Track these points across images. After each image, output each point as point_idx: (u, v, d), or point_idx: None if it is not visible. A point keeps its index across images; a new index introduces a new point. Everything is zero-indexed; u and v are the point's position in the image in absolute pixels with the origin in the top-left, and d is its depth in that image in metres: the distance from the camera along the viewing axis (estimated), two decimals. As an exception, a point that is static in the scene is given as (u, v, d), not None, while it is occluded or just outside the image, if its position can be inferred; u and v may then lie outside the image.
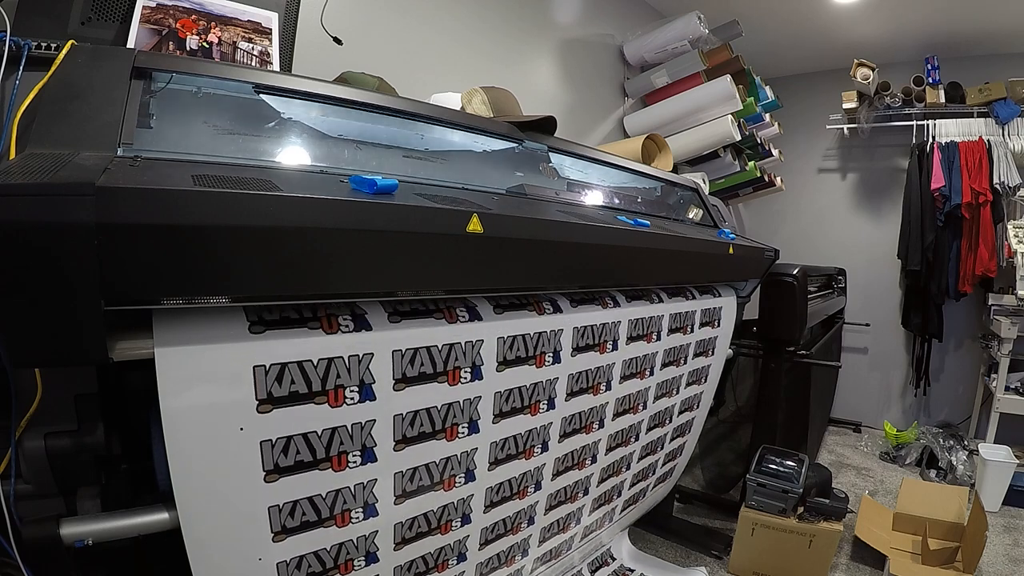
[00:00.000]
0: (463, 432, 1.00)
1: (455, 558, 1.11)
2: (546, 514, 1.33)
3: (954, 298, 3.40)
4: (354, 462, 0.85)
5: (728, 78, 2.78)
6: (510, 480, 1.16)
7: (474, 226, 0.81)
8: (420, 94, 1.41)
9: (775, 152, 3.40)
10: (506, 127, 1.31)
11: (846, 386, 3.92)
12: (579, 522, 1.51)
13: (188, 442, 0.68)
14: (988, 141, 3.23)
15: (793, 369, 2.41)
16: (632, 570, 1.79)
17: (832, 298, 3.25)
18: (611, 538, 1.82)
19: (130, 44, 1.04)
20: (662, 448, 1.74)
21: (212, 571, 0.75)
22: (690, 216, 1.90)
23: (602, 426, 1.37)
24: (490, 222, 0.84)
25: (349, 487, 0.86)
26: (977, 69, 3.35)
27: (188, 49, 1.09)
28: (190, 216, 0.57)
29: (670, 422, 1.70)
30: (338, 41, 1.49)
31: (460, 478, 1.03)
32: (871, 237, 3.90)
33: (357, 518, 0.88)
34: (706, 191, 2.17)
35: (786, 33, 3.45)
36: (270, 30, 1.20)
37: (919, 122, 3.49)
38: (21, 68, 0.80)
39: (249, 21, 1.18)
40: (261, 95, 0.94)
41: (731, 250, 1.60)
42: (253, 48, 1.17)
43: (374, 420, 0.85)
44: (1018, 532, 2.43)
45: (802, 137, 4.04)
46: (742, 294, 1.84)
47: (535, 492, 1.25)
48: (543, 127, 1.38)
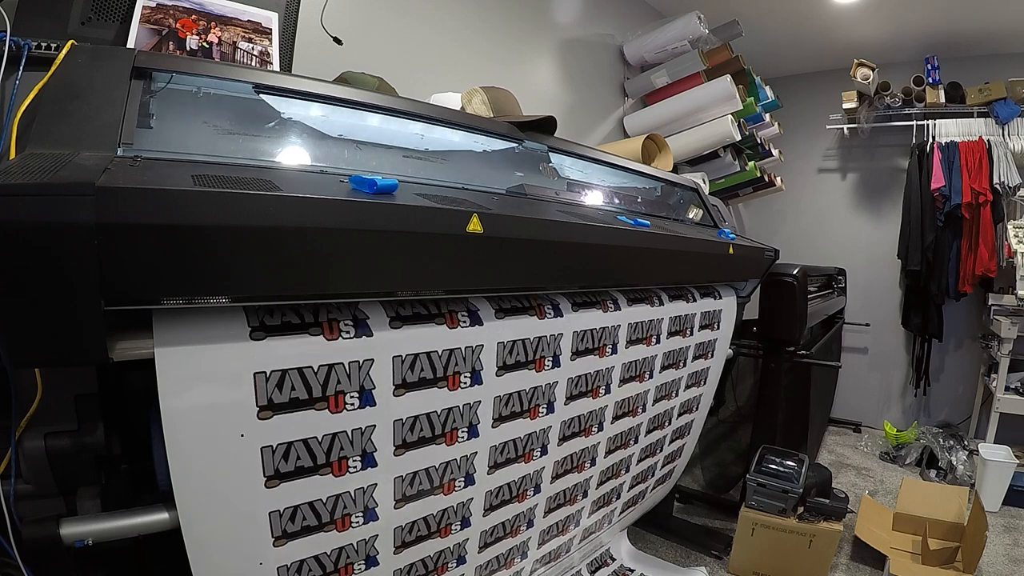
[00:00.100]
0: (463, 436, 1.00)
1: (455, 561, 1.11)
2: (545, 517, 1.33)
3: (954, 298, 3.40)
4: (354, 467, 0.85)
5: (728, 78, 2.78)
6: (509, 484, 1.16)
7: (474, 226, 0.81)
8: (420, 94, 1.41)
9: (775, 152, 3.40)
10: (506, 127, 1.31)
11: (846, 386, 3.92)
12: (578, 524, 1.51)
13: (188, 442, 0.68)
14: (988, 141, 3.23)
15: (793, 369, 2.41)
16: (632, 570, 1.78)
17: (832, 298, 3.25)
18: (610, 539, 1.82)
19: (130, 44, 1.04)
20: (661, 450, 1.74)
21: (212, 572, 0.75)
22: (690, 216, 1.90)
23: (601, 429, 1.37)
24: (490, 222, 0.84)
25: (349, 492, 0.86)
26: (977, 69, 3.35)
27: (188, 49, 1.09)
28: (190, 216, 0.57)
29: (669, 424, 1.70)
30: (338, 41, 1.49)
31: (460, 482, 1.03)
32: (871, 237, 3.90)
33: (357, 522, 0.88)
34: (706, 191, 2.17)
35: (786, 33, 3.45)
36: (270, 30, 1.20)
37: (919, 122, 3.49)
38: (21, 68, 0.80)
39: (249, 21, 1.18)
40: (261, 95, 0.94)
41: (731, 250, 1.59)
42: (253, 48, 1.17)
43: (374, 425, 0.85)
44: (1018, 532, 2.43)
45: (802, 137, 4.04)
46: (742, 294, 1.84)
47: (534, 495, 1.25)
48: (543, 127, 1.38)
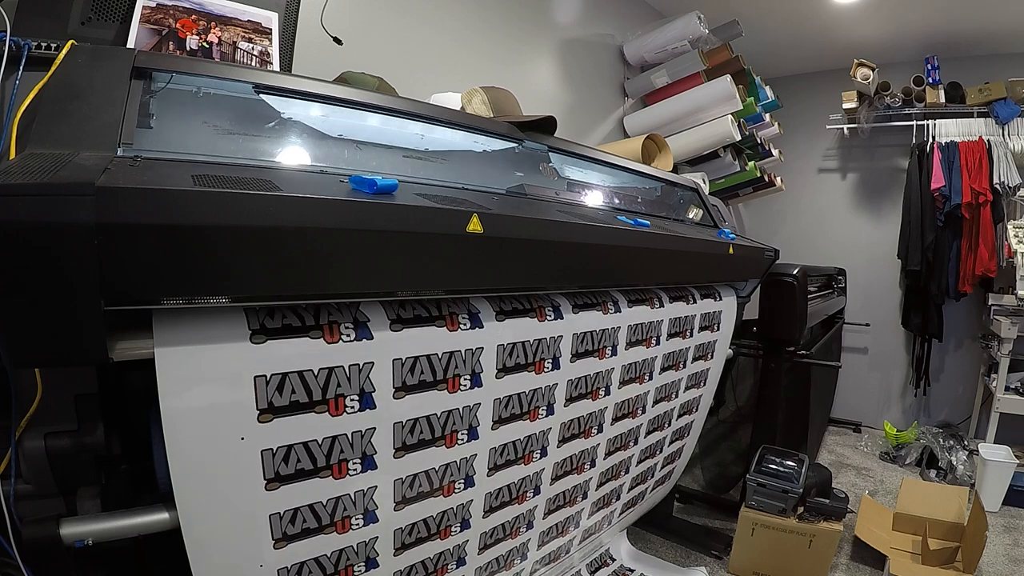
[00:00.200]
0: (462, 439, 1.00)
1: (454, 563, 1.11)
2: (545, 518, 1.33)
3: (954, 298, 3.40)
4: (354, 470, 0.85)
5: (728, 78, 2.78)
6: (509, 485, 1.16)
7: (474, 226, 0.81)
8: (420, 94, 1.41)
9: (775, 152, 3.40)
10: (506, 127, 1.31)
11: (846, 386, 3.92)
12: (578, 525, 1.51)
13: (188, 443, 0.68)
14: (988, 141, 3.23)
15: (793, 369, 2.40)
16: (632, 570, 1.78)
17: (832, 298, 3.25)
18: (610, 539, 1.82)
19: (130, 44, 1.04)
20: (661, 451, 1.74)
21: (212, 573, 0.75)
22: (690, 216, 1.90)
23: (601, 431, 1.37)
24: (490, 222, 0.84)
25: (349, 494, 0.86)
26: (977, 69, 3.35)
27: (188, 49, 1.09)
28: (190, 216, 0.57)
29: (669, 425, 1.70)
30: (338, 41, 1.49)
31: (459, 484, 1.03)
32: (871, 237, 3.90)
33: (357, 524, 0.88)
34: (706, 191, 2.17)
35: (786, 33, 3.45)
36: (270, 30, 1.20)
37: (919, 122, 3.49)
38: (21, 68, 0.80)
39: (249, 21, 1.18)
40: (261, 95, 0.94)
41: (731, 250, 1.59)
42: (253, 48, 1.17)
43: (374, 428, 0.85)
44: (1018, 532, 2.43)
45: (802, 137, 4.04)
46: (742, 294, 1.84)
47: (534, 497, 1.25)
48: (543, 127, 1.38)
